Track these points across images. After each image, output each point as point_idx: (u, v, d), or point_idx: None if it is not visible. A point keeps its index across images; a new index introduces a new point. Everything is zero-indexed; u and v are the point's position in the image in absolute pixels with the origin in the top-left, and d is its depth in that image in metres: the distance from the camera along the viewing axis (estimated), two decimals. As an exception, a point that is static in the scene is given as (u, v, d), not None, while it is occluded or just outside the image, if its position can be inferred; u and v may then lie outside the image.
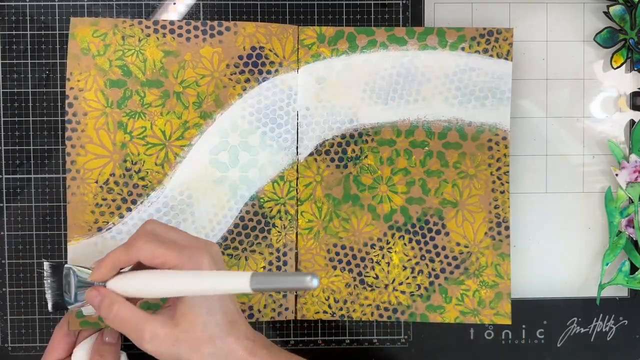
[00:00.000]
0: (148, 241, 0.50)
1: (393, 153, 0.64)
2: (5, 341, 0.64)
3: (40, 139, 0.64)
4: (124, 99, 0.62)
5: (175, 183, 0.62)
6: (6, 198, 0.64)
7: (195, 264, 0.50)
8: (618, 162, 0.66)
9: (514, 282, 0.65)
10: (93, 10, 0.64)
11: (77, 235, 0.62)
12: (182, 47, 0.62)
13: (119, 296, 0.51)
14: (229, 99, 0.63)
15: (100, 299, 0.51)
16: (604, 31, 0.65)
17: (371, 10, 0.65)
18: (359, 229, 0.64)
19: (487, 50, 0.64)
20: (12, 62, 0.63)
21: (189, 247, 0.51)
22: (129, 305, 0.51)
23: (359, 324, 0.66)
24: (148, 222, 0.53)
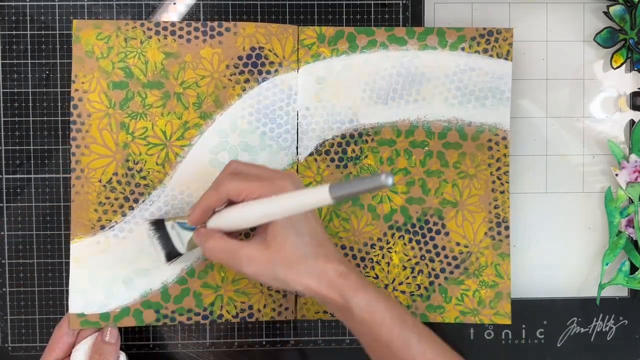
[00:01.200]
0: (232, 179, 0.54)
1: (393, 153, 0.64)
2: (5, 341, 0.64)
3: (40, 139, 0.64)
4: (126, 100, 0.62)
5: (176, 182, 0.62)
6: (6, 198, 0.64)
7: (278, 189, 0.53)
8: (618, 162, 0.66)
9: (514, 282, 0.65)
10: (93, 10, 0.64)
11: (81, 233, 0.62)
12: (183, 48, 0.63)
13: (214, 231, 0.55)
14: (228, 100, 0.63)
15: (200, 238, 0.56)
16: (604, 31, 0.65)
17: (371, 10, 0.65)
18: (359, 229, 0.64)
19: (487, 50, 0.64)
20: (12, 62, 0.63)
21: (270, 177, 0.54)
22: (224, 237, 0.54)
23: (359, 323, 0.66)
24: (231, 162, 0.57)
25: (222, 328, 0.65)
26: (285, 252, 0.52)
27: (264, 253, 0.53)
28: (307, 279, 0.52)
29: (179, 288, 0.62)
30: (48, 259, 0.64)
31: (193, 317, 0.63)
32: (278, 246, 0.52)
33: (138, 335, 0.65)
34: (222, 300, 0.63)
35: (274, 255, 0.52)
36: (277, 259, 0.52)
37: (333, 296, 0.52)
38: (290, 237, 0.53)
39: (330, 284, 0.52)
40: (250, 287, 0.63)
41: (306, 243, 0.53)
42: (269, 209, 0.52)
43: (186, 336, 0.65)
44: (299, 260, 0.52)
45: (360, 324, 0.53)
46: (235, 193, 0.53)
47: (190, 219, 0.56)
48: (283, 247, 0.52)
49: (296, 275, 0.52)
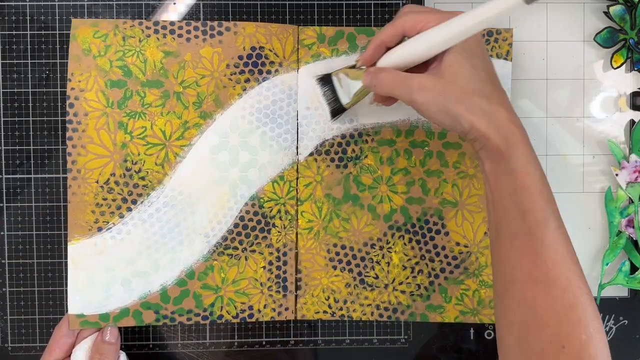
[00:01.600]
0: (409, 13, 0.52)
1: (393, 153, 0.64)
2: (5, 341, 0.64)
3: (40, 139, 0.64)
4: (125, 99, 0.62)
5: (175, 183, 0.62)
6: (6, 198, 0.64)
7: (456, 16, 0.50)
8: (618, 162, 0.66)
9: (514, 282, 0.65)
10: (93, 10, 0.64)
11: (78, 235, 0.62)
12: (182, 47, 0.62)
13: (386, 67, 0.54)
14: (229, 99, 0.63)
15: (370, 75, 0.54)
16: (604, 31, 0.65)
17: (371, 10, 0.65)
18: (359, 229, 0.64)
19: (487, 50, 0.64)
20: (12, 62, 0.63)
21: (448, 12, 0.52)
22: (395, 70, 0.53)
23: (359, 324, 0.66)
24: (405, 6, 0.55)
25: (222, 328, 0.65)
26: (460, 82, 0.50)
27: (437, 82, 0.50)
28: (477, 116, 0.50)
29: (178, 290, 0.62)
30: (48, 259, 0.64)
31: (193, 317, 0.63)
32: (453, 76, 0.50)
33: (138, 335, 0.65)
34: (222, 300, 0.63)
35: (448, 85, 0.50)
36: (451, 90, 0.50)
37: (498, 140, 0.49)
38: (466, 68, 0.50)
39: (500, 128, 0.49)
40: (251, 287, 0.63)
41: (482, 79, 0.51)
42: (452, 28, 0.50)
43: (186, 336, 0.65)
44: (472, 94, 0.50)
45: (509, 179, 0.49)
46: (412, 24, 0.52)
47: (362, 57, 0.55)
48: (458, 77, 0.50)
49: (467, 110, 0.50)
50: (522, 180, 0.49)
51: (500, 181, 0.50)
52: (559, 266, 0.48)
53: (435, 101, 0.50)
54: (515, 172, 0.49)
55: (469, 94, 0.50)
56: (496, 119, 0.49)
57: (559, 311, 0.47)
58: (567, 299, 0.47)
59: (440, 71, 0.51)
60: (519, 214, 0.49)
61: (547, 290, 0.48)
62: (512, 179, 0.49)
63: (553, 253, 0.48)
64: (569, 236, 0.49)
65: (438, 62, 0.52)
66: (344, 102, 0.58)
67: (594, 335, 0.47)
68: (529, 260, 0.48)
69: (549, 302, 0.47)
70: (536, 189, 0.49)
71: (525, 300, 0.48)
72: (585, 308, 0.47)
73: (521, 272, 0.49)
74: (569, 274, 0.48)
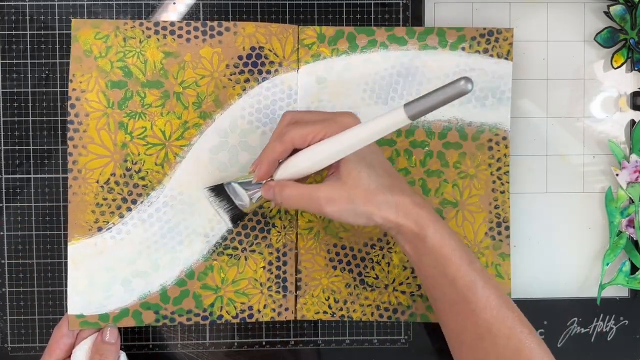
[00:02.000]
0: (294, 127, 0.54)
1: (393, 153, 0.64)
2: (5, 341, 0.64)
3: (40, 139, 0.64)
4: (125, 100, 0.62)
5: (175, 183, 0.62)
6: (6, 198, 0.64)
7: (342, 126, 0.53)
8: (618, 162, 0.66)
9: (514, 282, 0.65)
10: (93, 10, 0.64)
11: (78, 235, 0.62)
12: (182, 47, 0.62)
13: (287, 181, 0.55)
14: (228, 99, 0.63)
15: (272, 190, 0.55)
16: (604, 31, 0.65)
17: (371, 10, 0.65)
18: (359, 229, 0.64)
19: (487, 50, 0.64)
20: (12, 62, 0.63)
21: (330, 117, 0.55)
22: (298, 184, 0.55)
23: (359, 324, 0.66)
24: (285, 114, 0.57)
25: (222, 328, 0.65)
26: (362, 185, 0.53)
27: (342, 191, 0.53)
28: (386, 210, 0.53)
29: (178, 290, 0.62)
30: (47, 259, 0.64)
31: (193, 317, 0.63)
32: (354, 181, 0.53)
33: (138, 336, 0.65)
34: (221, 301, 0.63)
35: (352, 191, 0.53)
36: (356, 194, 0.53)
37: (409, 225, 0.53)
38: (363, 170, 0.53)
39: (407, 214, 0.53)
40: (250, 287, 0.63)
41: (380, 175, 0.54)
42: (342, 144, 0.52)
43: (186, 336, 0.65)
44: (375, 192, 0.53)
45: (430, 256, 0.53)
46: (301, 139, 0.54)
47: (257, 175, 0.56)
48: (359, 181, 0.53)
49: (375, 208, 0.53)
50: (442, 253, 0.53)
51: (422, 259, 0.54)
52: (498, 319, 0.52)
53: (345, 208, 0.53)
54: (433, 248, 0.53)
55: (373, 193, 0.53)
56: (402, 207, 0.53)
57: (509, 357, 0.52)
58: (514, 345, 0.52)
59: (341, 178, 0.54)
60: (449, 283, 0.54)
61: (494, 342, 0.52)
62: (432, 255, 0.53)
63: (489, 309, 0.53)
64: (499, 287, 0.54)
65: (335, 169, 0.55)
66: (243, 209, 0.58)
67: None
68: (471, 322, 0.53)
69: (498, 352, 0.52)
70: (456, 257, 0.53)
71: (477, 355, 0.53)
72: (532, 348, 0.52)
73: (467, 334, 0.54)
74: (508, 323, 0.53)
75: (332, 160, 0.53)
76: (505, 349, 0.52)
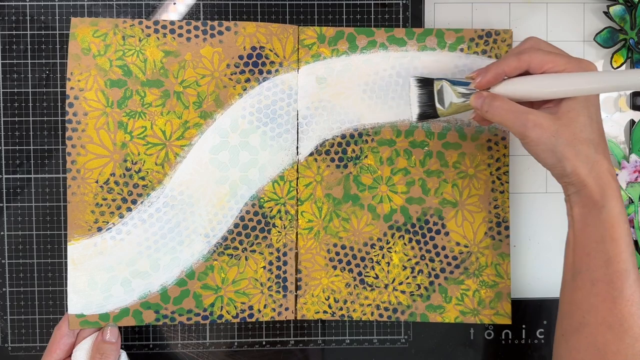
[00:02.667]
0: (537, 50, 0.54)
1: (393, 153, 0.64)
2: (5, 341, 0.64)
3: (40, 139, 0.64)
4: (125, 99, 0.62)
5: (175, 183, 0.62)
6: (6, 198, 0.64)
7: (585, 67, 0.53)
8: (618, 162, 0.66)
9: (514, 282, 0.65)
10: (93, 10, 0.64)
11: (77, 235, 0.62)
12: (183, 47, 0.62)
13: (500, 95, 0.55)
14: (229, 99, 0.63)
15: (482, 99, 0.55)
16: (604, 31, 0.65)
17: (371, 10, 0.65)
18: (359, 229, 0.64)
19: (485, 51, 0.64)
20: (12, 62, 0.63)
21: (575, 57, 0.54)
22: (510, 101, 0.54)
23: (359, 324, 0.66)
24: (530, 38, 0.56)
25: (222, 328, 0.65)
26: (575, 128, 0.52)
27: (553, 122, 0.52)
28: (581, 162, 0.52)
29: (178, 290, 0.62)
30: (48, 259, 0.64)
31: (193, 317, 0.63)
32: (569, 121, 0.52)
33: (138, 335, 0.65)
34: (222, 300, 0.63)
35: (562, 128, 0.52)
36: (564, 132, 0.52)
37: (594, 189, 0.52)
38: (583, 116, 0.53)
39: (599, 177, 0.52)
40: (251, 287, 0.63)
41: (594, 129, 0.53)
42: (578, 84, 0.52)
43: (186, 336, 0.65)
44: (582, 141, 0.52)
45: (598, 228, 0.52)
46: (539, 64, 0.53)
47: (479, 81, 0.55)
48: (573, 123, 0.52)
49: (574, 155, 0.52)
50: (612, 231, 0.52)
51: (588, 228, 0.53)
52: (634, 317, 0.50)
53: (547, 140, 0.53)
54: (606, 223, 0.52)
55: (580, 141, 0.52)
56: (597, 168, 0.52)
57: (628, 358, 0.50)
58: (638, 349, 0.50)
59: (557, 112, 0.53)
60: (602, 262, 0.52)
61: (620, 337, 0.50)
62: (601, 228, 0.52)
63: (630, 303, 0.51)
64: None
65: (556, 103, 0.54)
66: (439, 110, 0.58)
67: None
68: (605, 307, 0.51)
69: (620, 348, 0.50)
70: (623, 241, 0.52)
71: (596, 343, 0.51)
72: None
73: (596, 317, 0.52)
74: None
75: (560, 95, 0.53)
76: (629, 349, 0.50)
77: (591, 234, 0.53)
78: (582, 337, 0.52)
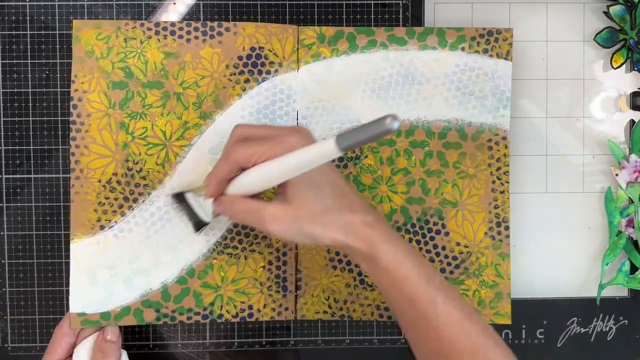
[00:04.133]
0: (240, 146, 0.54)
1: (393, 153, 0.64)
2: (5, 341, 0.64)
3: (40, 139, 0.64)
4: (126, 100, 0.62)
5: (176, 182, 0.62)
6: (6, 198, 0.64)
7: (286, 148, 0.52)
8: (618, 162, 0.66)
9: (514, 282, 0.65)
10: (93, 10, 0.64)
11: (80, 233, 0.62)
12: (183, 48, 0.63)
13: (236, 196, 0.55)
14: (228, 99, 0.63)
15: (222, 206, 0.56)
16: (604, 31, 0.65)
17: (371, 10, 0.65)
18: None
19: (487, 50, 0.64)
20: (12, 62, 0.63)
21: (278, 136, 0.53)
22: (247, 200, 0.55)
23: (359, 323, 0.66)
24: (235, 128, 0.56)
25: (222, 328, 0.65)
26: (308, 207, 0.52)
27: (286, 210, 0.52)
28: (333, 231, 0.52)
29: (178, 288, 0.62)
30: (48, 259, 0.64)
31: (193, 316, 0.63)
32: (300, 202, 0.52)
33: (138, 335, 0.65)
34: (222, 300, 0.63)
35: (297, 211, 0.52)
36: (301, 215, 0.52)
37: (360, 246, 0.52)
38: (309, 192, 0.52)
39: (357, 235, 0.52)
40: (250, 287, 0.63)
41: (327, 195, 0.53)
42: (279, 170, 0.52)
43: (186, 336, 0.65)
44: (322, 213, 0.52)
45: (386, 276, 0.52)
46: (245, 160, 0.53)
47: (207, 193, 0.56)
48: (305, 202, 0.52)
49: (322, 229, 0.52)
50: (397, 273, 0.51)
51: (379, 278, 0.53)
52: (461, 334, 0.51)
53: (290, 228, 0.52)
54: (389, 268, 0.52)
55: (320, 215, 0.52)
56: (352, 227, 0.52)
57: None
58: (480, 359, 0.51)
59: (287, 199, 0.53)
60: (408, 303, 0.52)
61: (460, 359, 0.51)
62: (388, 275, 0.52)
63: (451, 325, 0.51)
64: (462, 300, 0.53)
65: (283, 189, 0.54)
66: (203, 218, 0.58)
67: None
68: (433, 339, 0.51)
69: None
70: (413, 275, 0.51)
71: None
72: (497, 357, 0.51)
73: (431, 351, 0.52)
74: (472, 337, 0.51)
75: (274, 182, 0.53)
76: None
77: (384, 282, 0.53)
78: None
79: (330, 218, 0.52)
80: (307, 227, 0.52)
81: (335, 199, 0.53)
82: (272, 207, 0.53)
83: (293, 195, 0.52)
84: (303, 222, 0.52)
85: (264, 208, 0.53)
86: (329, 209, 0.52)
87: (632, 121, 0.67)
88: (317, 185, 0.53)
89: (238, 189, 0.55)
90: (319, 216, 0.52)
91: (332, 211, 0.52)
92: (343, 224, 0.52)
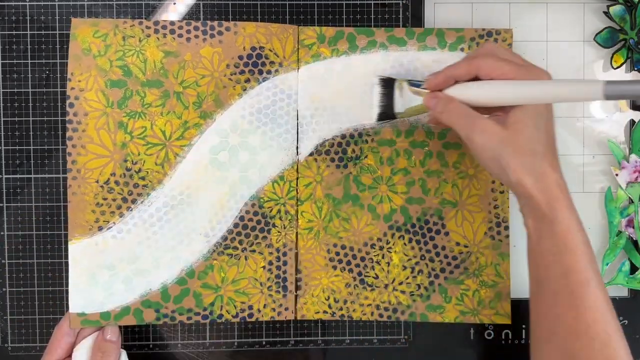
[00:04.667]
0: (490, 56, 0.54)
1: (393, 153, 0.64)
2: (5, 341, 0.64)
3: (40, 139, 0.64)
4: (125, 99, 0.62)
5: (175, 183, 0.62)
6: (6, 198, 0.64)
7: (534, 76, 0.52)
8: (618, 162, 0.66)
9: (514, 282, 0.65)
10: (93, 10, 0.64)
11: (78, 234, 0.62)
12: (182, 47, 0.62)
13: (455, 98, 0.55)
14: (229, 99, 0.63)
15: (436, 100, 0.56)
16: (604, 31, 0.65)
17: (371, 10, 0.65)
18: (359, 229, 0.64)
19: (487, 50, 0.64)
20: (12, 62, 0.63)
21: (527, 64, 0.54)
22: (463, 104, 0.55)
23: (359, 324, 0.66)
24: (488, 43, 0.57)
25: (222, 328, 0.65)
26: (520, 139, 0.52)
27: (499, 130, 0.52)
28: (526, 174, 0.52)
29: (178, 288, 0.62)
30: (48, 259, 0.64)
31: (193, 316, 0.63)
32: (515, 131, 0.52)
33: (138, 335, 0.65)
34: (222, 300, 0.63)
35: (508, 137, 0.52)
36: (510, 142, 0.52)
37: (541, 202, 0.52)
38: (529, 127, 0.52)
39: (545, 189, 0.52)
40: (250, 287, 0.63)
41: (541, 140, 0.53)
42: (525, 92, 0.52)
43: (186, 336, 0.65)
44: (528, 152, 0.52)
45: (552, 240, 0.52)
46: (488, 70, 0.53)
47: (430, 82, 0.56)
48: (519, 135, 0.52)
49: (518, 165, 0.52)
50: (566, 243, 0.51)
51: (543, 240, 0.53)
52: (599, 323, 0.50)
53: (492, 147, 0.53)
54: (559, 235, 0.51)
55: (525, 152, 0.52)
56: (544, 180, 0.52)
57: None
58: (607, 353, 0.50)
59: (505, 122, 0.53)
60: (561, 273, 0.52)
61: (588, 344, 0.50)
62: (555, 240, 0.52)
63: (594, 310, 0.50)
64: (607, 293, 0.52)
65: (504, 112, 0.54)
66: (397, 110, 0.59)
67: None
68: (571, 316, 0.51)
69: (589, 355, 0.50)
70: (580, 251, 0.51)
71: (567, 352, 0.51)
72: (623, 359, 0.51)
73: (563, 326, 0.51)
74: (609, 330, 0.50)
75: (507, 102, 0.53)
76: (598, 354, 0.50)
77: (547, 247, 0.52)
78: (553, 346, 0.52)
79: (532, 161, 0.52)
80: (507, 156, 0.52)
81: (545, 147, 0.53)
82: (487, 121, 0.53)
83: (513, 122, 0.52)
84: (507, 149, 0.52)
85: (479, 118, 0.53)
86: (535, 152, 0.52)
87: (632, 121, 0.67)
88: (538, 127, 0.53)
89: (463, 94, 0.55)
90: (523, 154, 0.52)
91: (536, 156, 0.52)
92: (539, 174, 0.52)
